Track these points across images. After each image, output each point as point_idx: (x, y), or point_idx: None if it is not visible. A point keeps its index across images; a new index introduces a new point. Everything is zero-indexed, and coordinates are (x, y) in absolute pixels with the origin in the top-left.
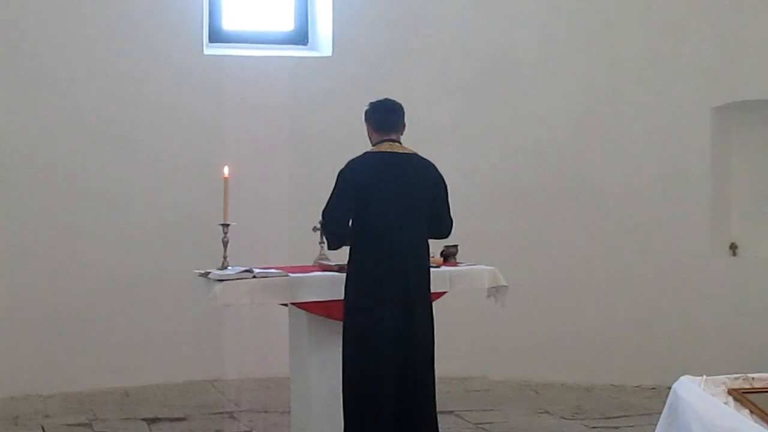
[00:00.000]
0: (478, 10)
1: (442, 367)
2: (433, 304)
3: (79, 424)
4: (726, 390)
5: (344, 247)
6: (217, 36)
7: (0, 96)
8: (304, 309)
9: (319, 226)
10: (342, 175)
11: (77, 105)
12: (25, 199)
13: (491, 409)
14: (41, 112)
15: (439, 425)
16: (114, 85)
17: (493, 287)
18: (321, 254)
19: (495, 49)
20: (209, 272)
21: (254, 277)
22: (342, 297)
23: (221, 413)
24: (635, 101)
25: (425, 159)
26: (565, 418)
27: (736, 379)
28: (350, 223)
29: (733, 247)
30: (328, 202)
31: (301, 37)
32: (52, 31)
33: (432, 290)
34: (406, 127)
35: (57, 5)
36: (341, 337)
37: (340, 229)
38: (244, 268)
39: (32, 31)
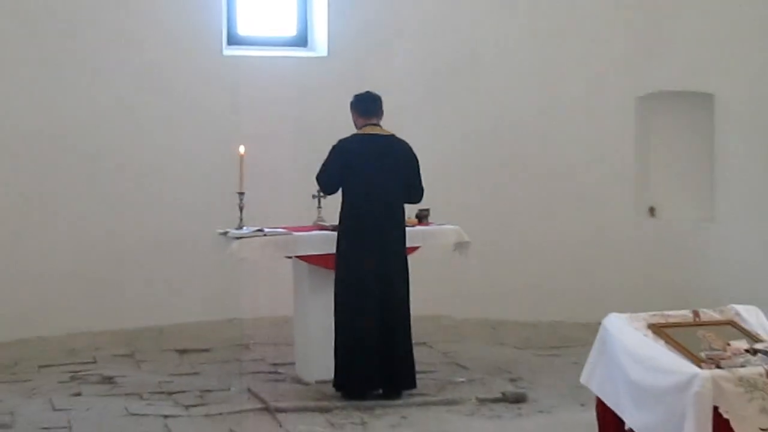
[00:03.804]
0: (446, 15)
1: (417, 307)
2: (409, 257)
3: (123, 355)
4: (646, 325)
5: (336, 212)
6: (233, 39)
7: (58, 84)
8: (304, 261)
9: (317, 194)
10: (333, 149)
11: (120, 93)
12: (78, 171)
13: (457, 342)
14: (91, 98)
15: (414, 354)
16: (150, 78)
17: (458, 243)
18: (318, 217)
19: (460, 48)
20: (228, 231)
21: (264, 235)
22: (335, 251)
23: (239, 345)
24: (573, 91)
25: (401, 139)
26: (517, 348)
27: (654, 316)
28: (338, 188)
29: (652, 210)
30: (321, 168)
31: (301, 40)
32: (101, 31)
33: (408, 246)
34: (384, 113)
35: (106, 13)
36: (334, 282)
37: (330, 186)
38: (256, 228)
39: (86, 29)
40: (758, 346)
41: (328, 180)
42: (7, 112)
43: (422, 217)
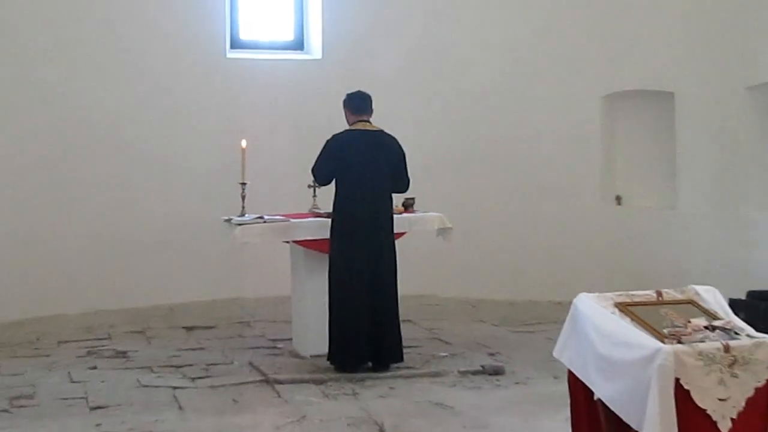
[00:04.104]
0: (429, 23)
1: (403, 287)
2: (396, 241)
3: (135, 332)
4: (613, 303)
5: (330, 200)
6: (236, 43)
7: (83, 85)
8: (301, 245)
9: (312, 184)
10: (328, 144)
11: (136, 93)
12: (96, 163)
13: (440, 319)
14: (111, 97)
15: (401, 330)
16: (162, 79)
17: (441, 229)
18: (314, 205)
19: (441, 52)
20: (231, 218)
21: (264, 222)
22: (329, 236)
23: (241, 323)
24: (545, 91)
25: (389, 134)
26: (494, 325)
27: (620, 295)
28: (332, 179)
29: (618, 199)
30: (316, 161)
31: (298, 44)
32: (120, 39)
33: (395, 231)
34: (374, 111)
35: (124, 23)
36: (328, 265)
37: (324, 178)
38: (257, 216)
39: (107, 37)
40: (716, 323)
41: (322, 172)
42: (36, 110)
43: (408, 206)
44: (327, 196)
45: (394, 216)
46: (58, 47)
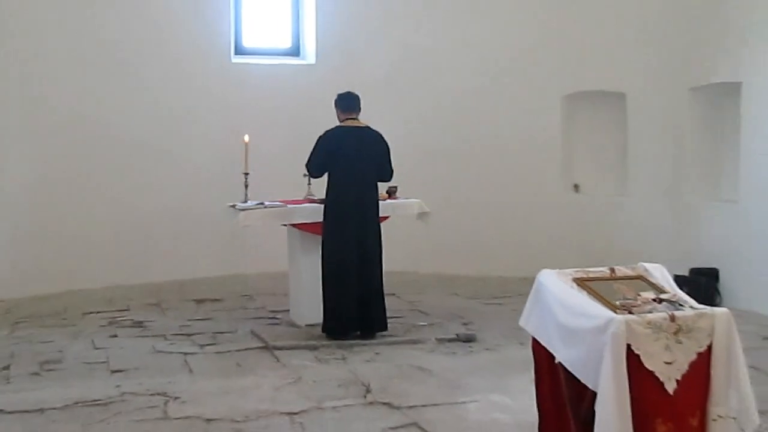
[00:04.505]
0: (409, 32)
1: (388, 265)
2: (382, 224)
3: (151, 304)
4: (572, 278)
5: (323, 188)
6: (240, 50)
7: (104, 84)
8: (297, 228)
9: (306, 173)
10: (320, 139)
11: (151, 92)
12: (117, 153)
13: (420, 293)
14: (129, 96)
15: (386, 302)
16: (173, 81)
17: (420, 213)
18: (309, 192)
19: (421, 57)
20: (235, 204)
21: (265, 207)
22: (322, 220)
23: (245, 296)
24: (512, 91)
25: (375, 130)
26: (467, 298)
27: (578, 271)
28: (325, 171)
29: (576, 187)
30: (310, 156)
31: (295, 50)
32: (137, 43)
33: (380, 215)
34: (361, 109)
35: (141, 30)
36: (321, 245)
37: (317, 172)
38: (258, 202)
39: (125, 41)
40: (663, 296)
41: (315, 167)
42: (65, 106)
43: (392, 193)
44: (320, 184)
45: (380, 202)
46: (85, 55)
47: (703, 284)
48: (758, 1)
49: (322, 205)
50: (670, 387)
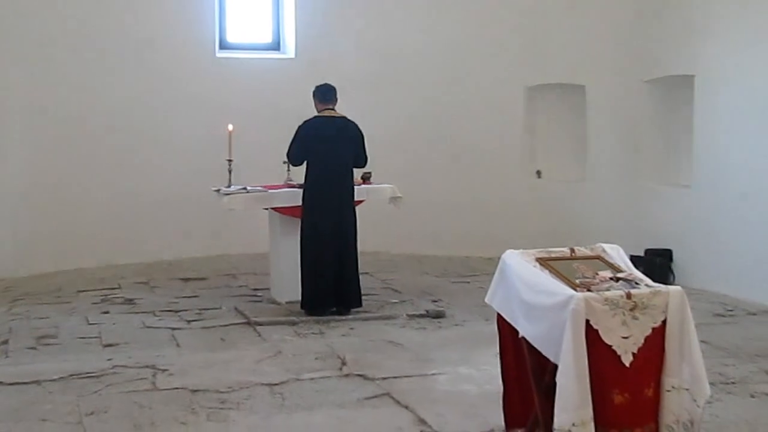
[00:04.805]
0: (384, 28)
1: (362, 245)
2: (357, 208)
3: (141, 282)
4: (534, 258)
5: (302, 174)
6: (224, 45)
7: (98, 78)
8: (277, 211)
9: (286, 160)
10: (299, 129)
11: (142, 85)
12: (109, 142)
13: (392, 272)
14: (121, 89)
15: (360, 280)
16: (163, 75)
17: (393, 197)
18: (288, 178)
19: (395, 52)
20: (220, 189)
21: (247, 192)
22: (300, 204)
23: (228, 275)
24: (479, 83)
25: (351, 120)
26: (437, 277)
27: (540, 251)
28: (304, 160)
29: (539, 173)
30: (290, 146)
31: (275, 45)
32: (129, 41)
33: (356, 199)
34: (338, 100)
35: (133, 28)
36: (300, 228)
37: (297, 161)
38: (241, 187)
39: (118, 40)
40: (620, 275)
41: (295, 157)
42: (63, 98)
43: (366, 178)
44: (299, 170)
45: (355, 187)
46: (86, 46)
47: (657, 264)
48: None
49: (301, 190)
50: (627, 360)
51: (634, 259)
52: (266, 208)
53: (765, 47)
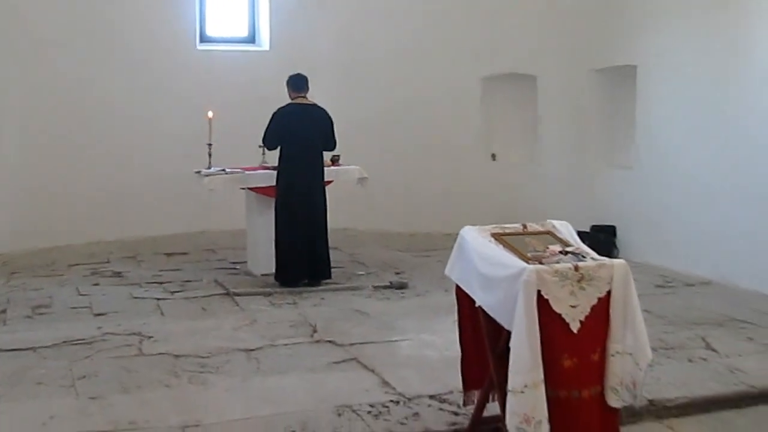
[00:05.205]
0: (352, 23)
1: (332, 222)
2: (327, 188)
3: (128, 257)
4: (490, 233)
5: (276, 157)
6: (204, 38)
7: (92, 71)
8: (254, 191)
9: (261, 144)
10: (274, 115)
11: (129, 76)
12: (99, 127)
13: (359, 246)
14: (110, 80)
15: (330, 255)
16: (148, 66)
17: (360, 178)
18: (263, 160)
19: (362, 45)
20: (201, 170)
21: (226, 173)
22: (275, 184)
23: (208, 249)
24: (439, 74)
25: (321, 107)
26: (400, 251)
27: (495, 227)
28: (279, 145)
29: (494, 156)
30: (265, 132)
31: (252, 38)
32: (115, 35)
33: (325, 180)
34: (310, 89)
35: (122, 24)
36: (274, 206)
37: (272, 145)
38: (220, 168)
39: (108, 35)
40: (568, 249)
41: (270, 142)
42: (56, 86)
43: (335, 160)
44: (273, 153)
45: (324, 168)
46: (74, 42)
47: (602, 239)
48: None
49: (275, 172)
50: (575, 327)
51: (581, 235)
52: (243, 188)
53: (700, 39)
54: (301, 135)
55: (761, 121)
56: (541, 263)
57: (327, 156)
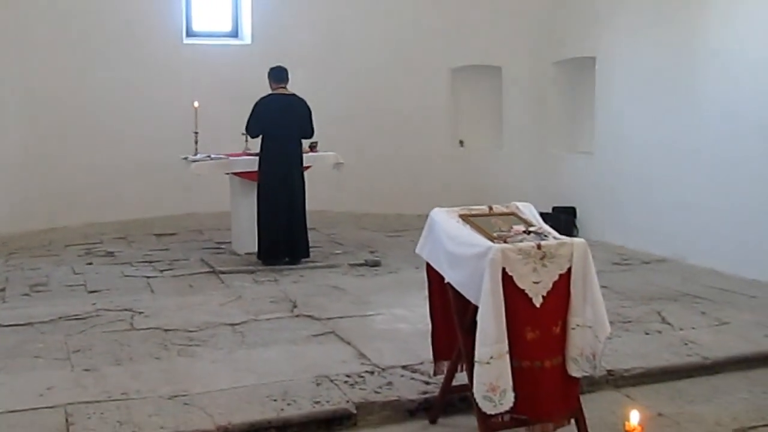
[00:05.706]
0: (330, 18)
1: (310, 205)
2: (305, 173)
3: (120, 238)
4: (458, 215)
5: (258, 144)
6: (190, 33)
7: (84, 64)
8: (237, 176)
9: (244, 132)
10: (256, 105)
11: (118, 70)
12: (93, 117)
13: (335, 227)
14: (102, 73)
15: (308, 235)
16: (137, 60)
17: (336, 163)
18: (246, 147)
19: (337, 39)
20: (188, 157)
21: (211, 159)
22: (257, 169)
23: (195, 230)
24: (410, 65)
25: (301, 97)
26: (374, 231)
27: (463, 209)
28: (260, 133)
29: (461, 142)
30: (248, 121)
31: (235, 33)
32: (107, 31)
33: (304, 165)
34: (289, 80)
35: (112, 21)
36: (257, 189)
37: (254, 133)
38: (206, 155)
39: (98, 31)
40: (531, 229)
41: (252, 131)
42: (52, 78)
43: (313, 147)
44: (256, 141)
45: (303, 155)
46: (71, 34)
47: (563, 220)
48: None
49: (257, 158)
50: (537, 302)
51: (543, 216)
52: (227, 173)
53: (654, 32)
54: (281, 123)
55: (713, 108)
56: (505, 242)
57: (305, 143)
